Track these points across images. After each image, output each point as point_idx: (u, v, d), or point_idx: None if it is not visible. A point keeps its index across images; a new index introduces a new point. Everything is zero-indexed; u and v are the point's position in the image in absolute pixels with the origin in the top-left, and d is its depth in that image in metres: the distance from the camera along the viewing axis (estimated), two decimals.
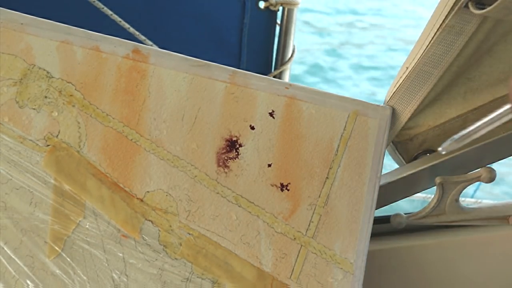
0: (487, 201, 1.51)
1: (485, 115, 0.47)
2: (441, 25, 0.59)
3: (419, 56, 0.62)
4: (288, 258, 0.62)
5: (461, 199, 0.73)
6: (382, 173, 0.65)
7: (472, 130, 0.48)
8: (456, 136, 0.51)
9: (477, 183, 0.71)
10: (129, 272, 0.60)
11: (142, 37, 1.48)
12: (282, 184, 0.61)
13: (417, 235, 0.82)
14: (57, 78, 0.59)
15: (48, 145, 0.59)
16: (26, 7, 0.65)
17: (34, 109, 0.59)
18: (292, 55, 1.71)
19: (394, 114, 0.65)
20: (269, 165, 0.61)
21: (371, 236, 0.63)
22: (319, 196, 0.62)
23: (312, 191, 0.61)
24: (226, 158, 0.60)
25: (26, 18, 0.59)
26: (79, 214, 0.60)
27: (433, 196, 0.72)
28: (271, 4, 1.63)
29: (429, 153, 0.74)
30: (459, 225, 0.76)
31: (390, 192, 0.73)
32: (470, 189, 2.05)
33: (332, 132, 0.62)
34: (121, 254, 0.60)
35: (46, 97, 0.59)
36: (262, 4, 1.64)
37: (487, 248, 0.84)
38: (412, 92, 0.64)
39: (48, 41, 0.59)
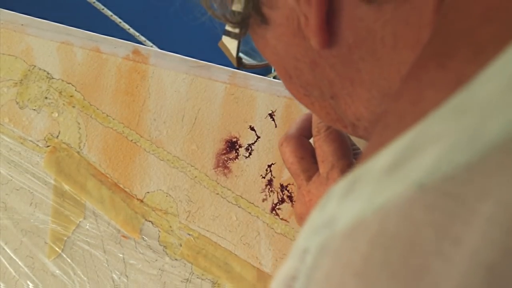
0: None
1: None
2: None
3: None
4: None
5: None
6: None
7: None
8: None
9: None
10: (129, 273, 0.60)
11: (142, 38, 1.48)
12: (282, 185, 0.61)
13: None
14: (58, 79, 0.59)
15: (48, 146, 0.60)
16: (26, 8, 0.65)
17: (34, 110, 0.59)
18: None
19: None
20: (269, 166, 0.61)
21: None
22: None
23: None
24: (226, 159, 0.61)
25: (26, 19, 0.59)
26: (79, 214, 0.60)
27: None
28: None
29: None
30: None
31: None
32: None
33: None
34: (121, 255, 0.60)
35: (46, 98, 0.59)
36: None
37: None
38: None
39: (49, 42, 0.59)
